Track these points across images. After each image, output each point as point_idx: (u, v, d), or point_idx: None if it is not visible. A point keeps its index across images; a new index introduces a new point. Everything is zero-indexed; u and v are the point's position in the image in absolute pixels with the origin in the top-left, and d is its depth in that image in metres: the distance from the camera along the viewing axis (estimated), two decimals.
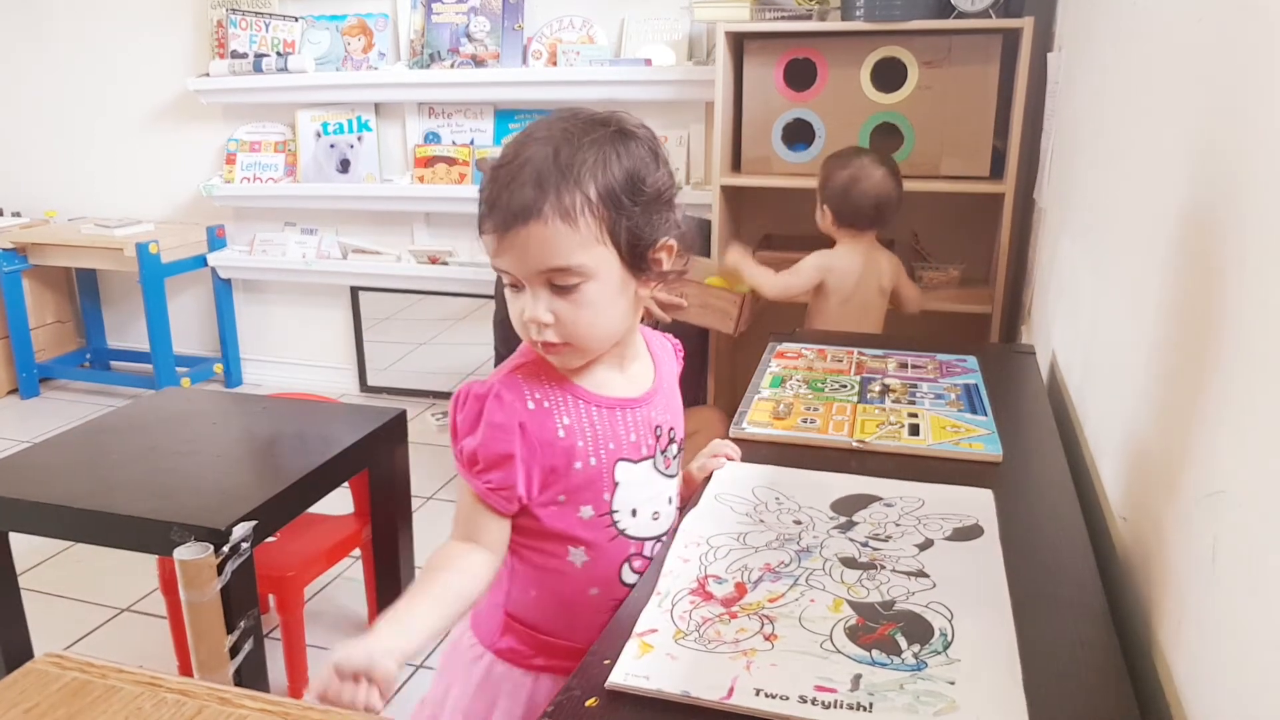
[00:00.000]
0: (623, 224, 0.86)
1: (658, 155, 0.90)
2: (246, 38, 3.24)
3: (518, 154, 0.85)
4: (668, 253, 0.91)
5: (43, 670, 0.73)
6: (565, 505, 0.94)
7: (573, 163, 0.84)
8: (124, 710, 0.68)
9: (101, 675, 0.72)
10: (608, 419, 0.95)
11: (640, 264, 0.89)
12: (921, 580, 0.89)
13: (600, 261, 0.86)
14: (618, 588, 0.97)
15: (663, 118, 2.94)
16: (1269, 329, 0.63)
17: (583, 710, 0.72)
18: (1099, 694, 0.74)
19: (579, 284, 0.86)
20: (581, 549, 0.96)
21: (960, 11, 2.31)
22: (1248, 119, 0.72)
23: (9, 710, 0.67)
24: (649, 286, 0.93)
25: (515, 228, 0.84)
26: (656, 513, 0.99)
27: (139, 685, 0.71)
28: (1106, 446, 1.14)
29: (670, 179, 0.91)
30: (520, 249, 0.85)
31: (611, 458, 0.95)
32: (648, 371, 1.01)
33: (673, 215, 0.91)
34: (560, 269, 0.85)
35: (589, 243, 0.85)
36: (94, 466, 1.67)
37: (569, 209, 0.83)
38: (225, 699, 0.70)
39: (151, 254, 3.24)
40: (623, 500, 0.95)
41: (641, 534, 0.98)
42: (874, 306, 2.15)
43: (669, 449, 1.00)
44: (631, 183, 0.86)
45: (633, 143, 0.88)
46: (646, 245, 0.88)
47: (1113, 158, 1.29)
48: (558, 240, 0.84)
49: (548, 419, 0.92)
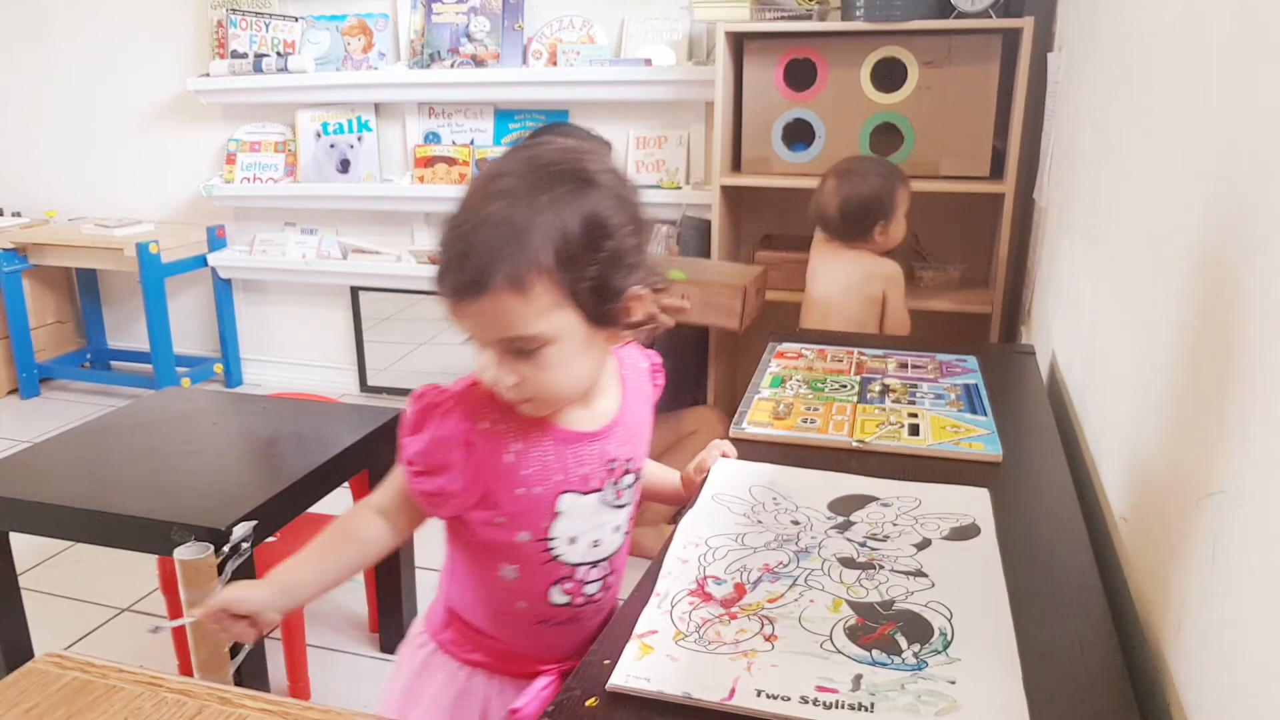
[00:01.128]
0: (584, 284, 0.82)
1: (624, 199, 0.85)
2: (247, 38, 3.24)
3: (471, 214, 0.82)
4: (637, 302, 0.87)
5: (43, 670, 0.73)
6: (502, 527, 0.93)
7: (528, 227, 0.79)
8: (124, 710, 0.68)
9: (102, 675, 0.72)
10: (560, 451, 0.92)
11: (607, 319, 0.85)
12: (920, 580, 0.89)
13: (560, 325, 0.83)
14: (545, 606, 0.97)
15: (663, 118, 2.94)
16: (1269, 328, 0.63)
17: (583, 711, 0.73)
18: (1099, 694, 0.74)
19: (539, 349, 0.83)
20: (514, 566, 0.95)
21: (960, 12, 2.31)
22: (1247, 119, 0.72)
23: (10, 710, 0.67)
24: (620, 338, 0.90)
25: (466, 300, 0.81)
26: (597, 541, 0.97)
27: (139, 685, 0.71)
28: (1106, 447, 1.14)
29: (637, 223, 0.86)
30: (474, 319, 0.83)
31: (557, 489, 0.92)
32: (613, 403, 0.97)
33: (643, 261, 0.86)
34: (516, 339, 0.82)
35: (546, 311, 0.81)
36: (94, 466, 1.67)
37: (521, 280, 0.79)
38: (226, 699, 0.70)
39: (152, 254, 3.24)
40: (562, 529, 0.94)
41: (577, 560, 0.96)
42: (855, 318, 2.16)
43: (623, 480, 0.97)
44: (593, 239, 0.81)
45: (595, 193, 0.82)
46: (612, 300, 0.84)
47: (1113, 157, 1.29)
48: (512, 312, 0.80)
49: (498, 442, 0.90)
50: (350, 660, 2.00)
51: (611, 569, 1.01)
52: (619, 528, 0.99)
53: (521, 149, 0.87)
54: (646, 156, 2.95)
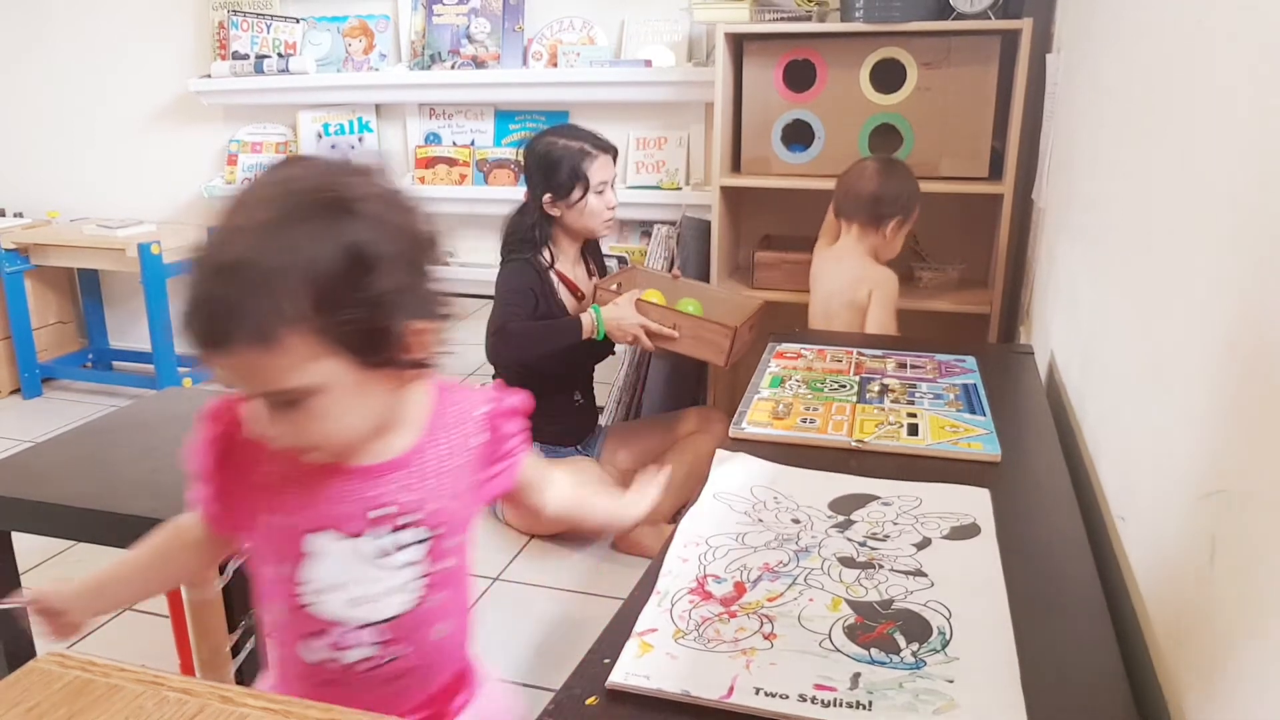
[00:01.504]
0: (347, 329, 0.72)
1: (394, 226, 0.75)
2: (248, 39, 3.25)
3: (213, 253, 0.72)
4: (418, 339, 0.77)
5: (45, 669, 0.73)
6: (256, 557, 0.85)
7: (276, 270, 0.69)
8: (126, 709, 0.68)
9: (104, 674, 0.72)
10: (314, 481, 0.81)
11: (382, 361, 0.76)
12: (919, 579, 0.90)
13: (324, 374, 0.73)
14: (296, 660, 0.85)
15: (663, 119, 2.94)
16: (1267, 327, 0.63)
17: (583, 709, 0.73)
18: (1097, 693, 0.74)
19: (305, 399, 0.73)
20: (276, 605, 0.85)
21: (959, 13, 2.32)
22: (1247, 119, 0.73)
23: (11, 709, 0.68)
24: (406, 378, 0.80)
25: (210, 354, 0.72)
26: (362, 599, 0.83)
27: (141, 684, 0.71)
28: (1105, 446, 1.15)
29: (414, 251, 0.77)
30: (225, 372, 0.73)
31: (306, 524, 0.81)
32: (403, 441, 0.84)
33: (420, 293, 0.77)
34: (274, 393, 0.73)
35: (303, 363, 0.71)
36: (96, 466, 1.67)
37: (268, 335, 0.69)
38: (227, 698, 0.70)
39: (154, 254, 3.25)
40: (314, 574, 0.82)
41: (334, 615, 0.83)
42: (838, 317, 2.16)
43: (401, 534, 0.83)
44: (354, 277, 0.71)
45: (356, 224, 0.72)
46: (386, 339, 0.74)
47: (1111, 158, 1.29)
48: (261, 368, 0.71)
49: (255, 455, 0.81)
50: None
51: (395, 637, 0.84)
52: (405, 590, 0.84)
53: (274, 172, 0.77)
54: (646, 157, 2.96)
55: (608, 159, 2.25)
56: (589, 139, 2.24)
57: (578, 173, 2.19)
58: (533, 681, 1.78)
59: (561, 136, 2.25)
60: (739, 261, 2.83)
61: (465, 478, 0.88)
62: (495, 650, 1.86)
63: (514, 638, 1.91)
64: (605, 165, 2.24)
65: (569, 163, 2.19)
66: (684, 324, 2.17)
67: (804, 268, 2.29)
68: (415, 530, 0.84)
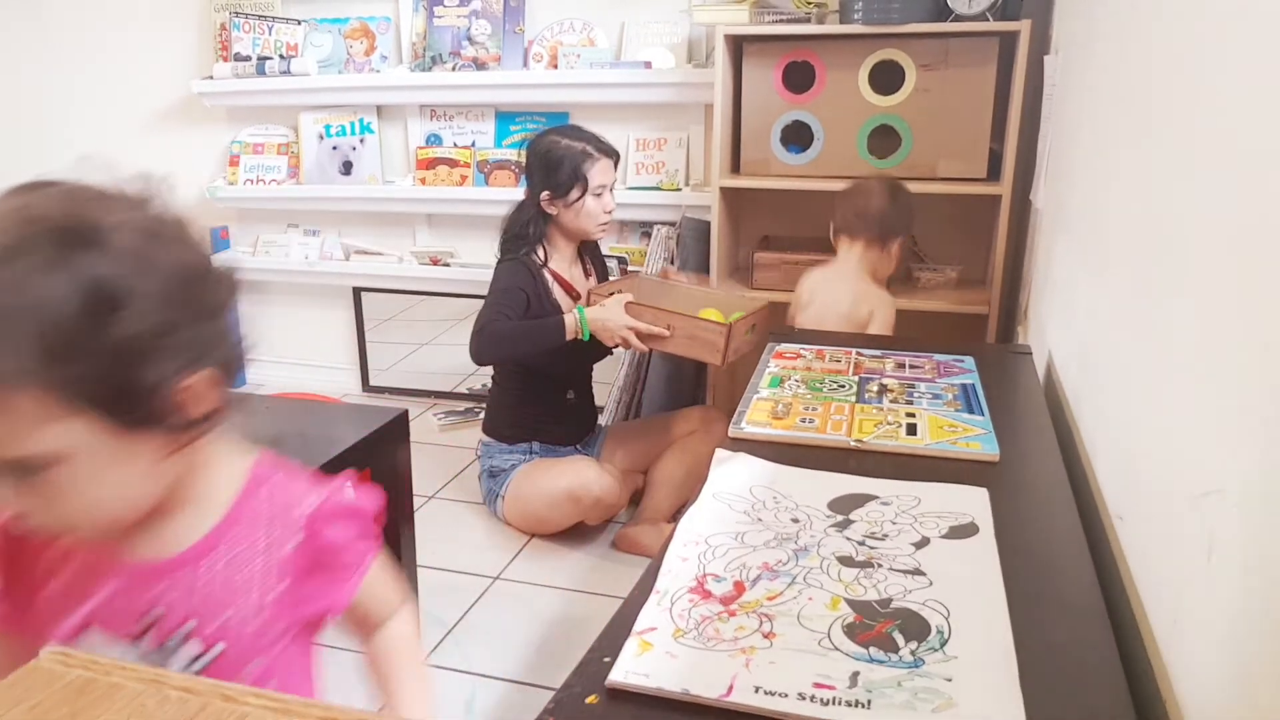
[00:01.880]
0: (91, 384, 0.60)
1: (153, 260, 0.63)
2: (249, 41, 3.25)
3: None
4: (191, 395, 0.66)
5: (47, 668, 0.73)
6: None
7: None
8: (128, 708, 0.68)
9: (105, 673, 0.72)
10: (90, 572, 0.70)
11: (145, 421, 0.64)
12: (918, 578, 0.90)
13: (67, 439, 0.61)
14: None
15: (662, 120, 2.95)
16: (1265, 327, 0.63)
17: (583, 707, 0.73)
18: (1095, 691, 0.75)
19: (42, 469, 0.62)
20: None
21: (958, 15, 2.32)
22: (1246, 119, 0.73)
23: (13, 707, 0.68)
24: (179, 443, 0.68)
25: None
26: None
27: (143, 683, 0.71)
28: (1103, 446, 1.15)
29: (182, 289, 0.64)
30: None
31: (82, 621, 0.70)
32: (192, 532, 0.72)
33: (190, 339, 0.64)
34: (5, 462, 0.62)
35: (36, 425, 0.60)
36: None
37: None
38: (229, 696, 0.70)
39: None
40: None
41: None
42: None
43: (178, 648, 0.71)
44: (97, 322, 0.59)
45: (100, 256, 0.60)
46: (142, 395, 0.63)
47: (1108, 159, 1.29)
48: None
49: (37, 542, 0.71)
50: (354, 658, 2.00)
51: None
52: None
53: (8, 199, 0.65)
54: (646, 158, 2.96)
55: (609, 163, 2.26)
56: (592, 141, 2.25)
57: (578, 173, 2.19)
58: (533, 680, 1.78)
59: (565, 136, 2.25)
60: (738, 262, 2.83)
61: (268, 591, 0.73)
62: (495, 649, 1.86)
63: (514, 637, 1.92)
64: (606, 169, 2.25)
65: (570, 163, 2.20)
66: (678, 324, 2.16)
67: (804, 268, 2.29)
68: (192, 643, 0.71)
